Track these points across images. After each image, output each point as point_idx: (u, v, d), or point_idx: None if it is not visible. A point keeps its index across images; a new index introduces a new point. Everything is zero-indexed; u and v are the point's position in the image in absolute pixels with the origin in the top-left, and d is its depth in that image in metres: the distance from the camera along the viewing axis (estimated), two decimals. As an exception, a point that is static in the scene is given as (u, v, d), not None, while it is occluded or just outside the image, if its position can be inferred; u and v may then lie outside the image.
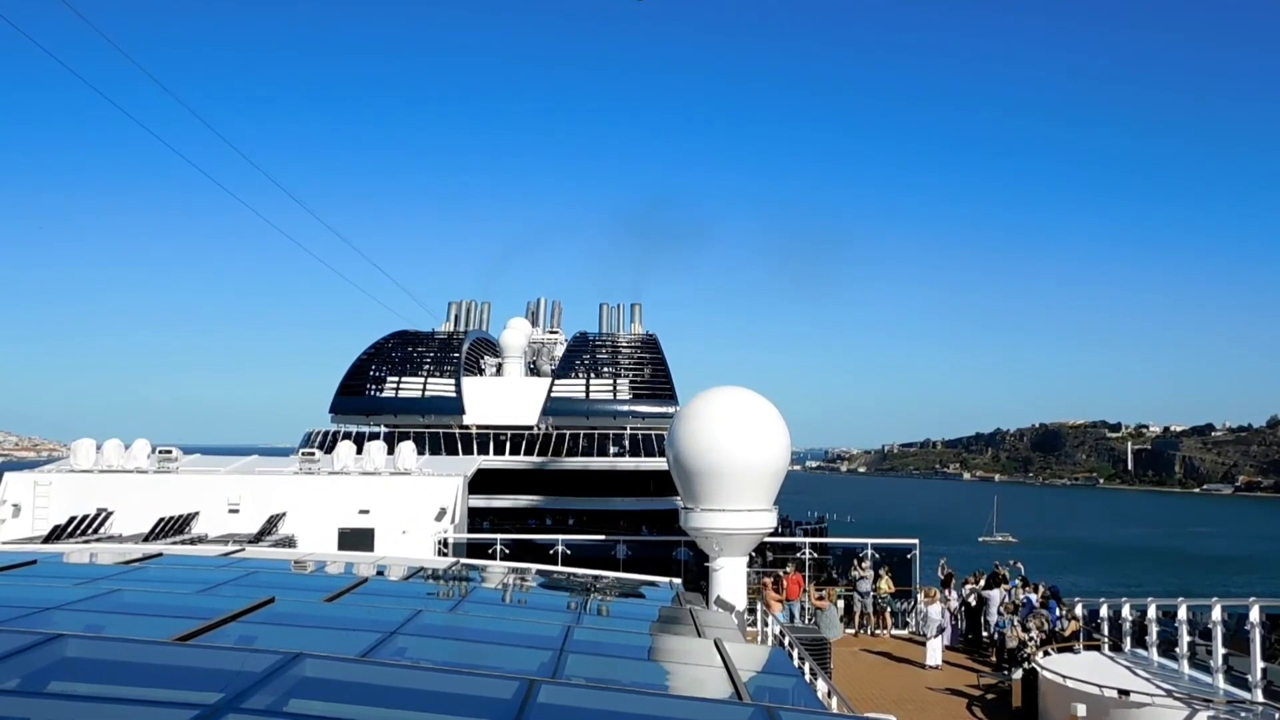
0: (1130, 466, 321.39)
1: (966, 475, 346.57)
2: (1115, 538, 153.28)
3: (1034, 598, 24.76)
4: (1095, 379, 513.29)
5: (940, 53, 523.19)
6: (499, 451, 52.50)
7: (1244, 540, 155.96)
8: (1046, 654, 20.69)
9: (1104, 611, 23.08)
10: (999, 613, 25.14)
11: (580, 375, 58.00)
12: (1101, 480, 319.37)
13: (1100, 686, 16.88)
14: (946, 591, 27.52)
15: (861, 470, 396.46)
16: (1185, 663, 18.64)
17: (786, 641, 17.97)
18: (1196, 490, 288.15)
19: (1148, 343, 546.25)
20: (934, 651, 24.09)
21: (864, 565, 29.31)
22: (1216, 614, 17.40)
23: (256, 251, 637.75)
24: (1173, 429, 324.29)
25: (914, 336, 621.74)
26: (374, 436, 46.09)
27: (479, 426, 54.22)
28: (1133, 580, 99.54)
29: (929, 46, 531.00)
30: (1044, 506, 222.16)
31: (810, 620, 26.70)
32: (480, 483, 43.24)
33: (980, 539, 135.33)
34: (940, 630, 24.76)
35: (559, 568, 25.31)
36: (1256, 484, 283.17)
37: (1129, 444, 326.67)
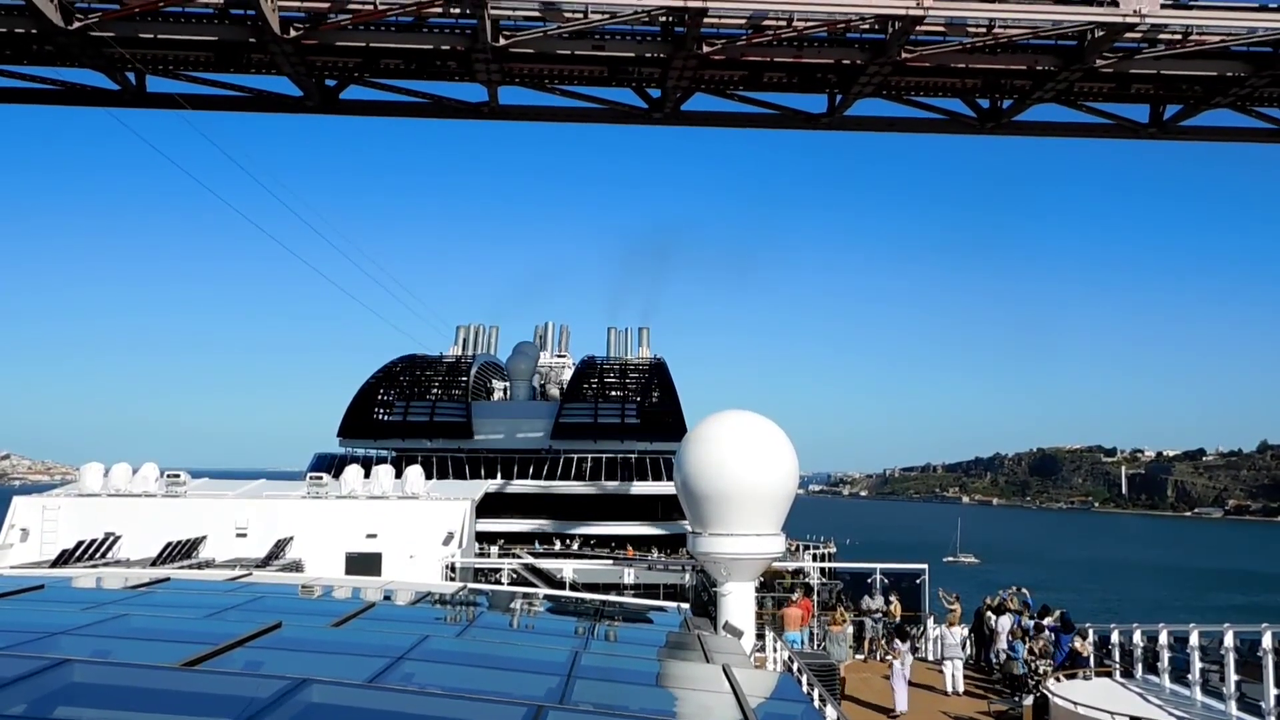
0: (1125, 490, 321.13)
1: (966, 499, 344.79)
2: (1094, 556, 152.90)
3: (1041, 622, 24.57)
4: (1092, 404, 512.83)
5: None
6: (507, 475, 52.48)
7: (1216, 556, 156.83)
8: (1058, 680, 20.53)
9: (1115, 637, 22.90)
10: (1008, 640, 24.95)
11: (588, 399, 58.06)
12: (1096, 504, 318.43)
13: (1112, 714, 16.74)
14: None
15: (863, 494, 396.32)
16: (1198, 689, 18.47)
17: (795, 667, 17.85)
18: (1188, 514, 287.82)
19: (1143, 367, 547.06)
20: (956, 677, 23.81)
21: (874, 591, 29.28)
22: (1229, 640, 17.26)
23: (264, 274, 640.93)
24: (1166, 454, 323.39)
25: (915, 362, 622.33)
26: (382, 460, 46.12)
27: (487, 450, 54.27)
28: (1105, 595, 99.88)
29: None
30: (1040, 528, 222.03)
31: (819, 645, 26.57)
32: (488, 506, 43.22)
33: (945, 559, 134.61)
34: (964, 655, 24.57)
35: (566, 592, 25.19)
36: (1245, 508, 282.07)
37: (1123, 468, 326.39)
